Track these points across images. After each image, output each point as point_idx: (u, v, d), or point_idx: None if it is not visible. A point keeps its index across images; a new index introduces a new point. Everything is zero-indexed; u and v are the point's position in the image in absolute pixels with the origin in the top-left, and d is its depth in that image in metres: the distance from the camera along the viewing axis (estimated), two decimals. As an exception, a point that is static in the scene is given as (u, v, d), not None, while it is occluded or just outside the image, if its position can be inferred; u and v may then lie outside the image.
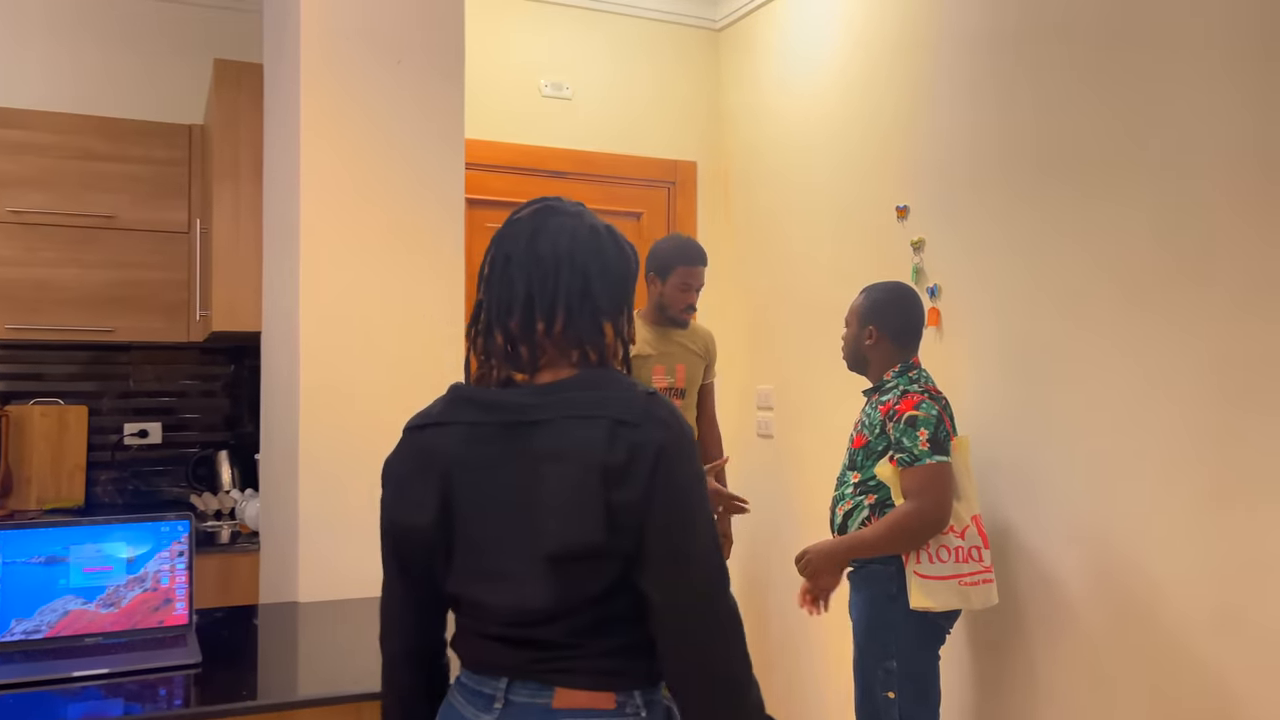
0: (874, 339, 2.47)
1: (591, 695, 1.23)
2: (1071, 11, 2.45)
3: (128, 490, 3.53)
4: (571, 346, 1.26)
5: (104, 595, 1.86)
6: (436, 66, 2.35)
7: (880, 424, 2.39)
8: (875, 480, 2.39)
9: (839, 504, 2.46)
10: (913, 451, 2.30)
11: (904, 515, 2.28)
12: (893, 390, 2.41)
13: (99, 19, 3.51)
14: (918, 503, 2.28)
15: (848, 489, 2.44)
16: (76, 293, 3.18)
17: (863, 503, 2.40)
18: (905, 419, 2.33)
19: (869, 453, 2.41)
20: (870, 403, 2.48)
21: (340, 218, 2.29)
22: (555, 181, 3.70)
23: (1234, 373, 2.09)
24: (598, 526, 1.17)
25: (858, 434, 2.46)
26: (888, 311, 2.46)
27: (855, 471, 2.43)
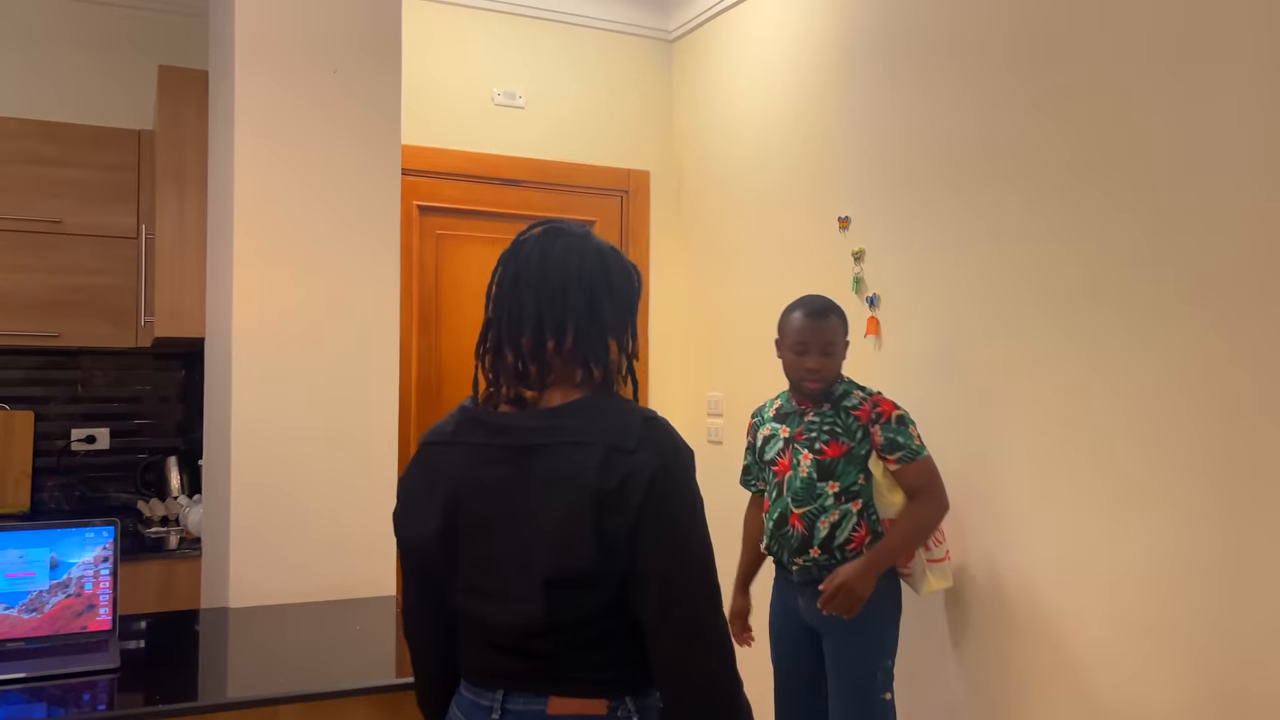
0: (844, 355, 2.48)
1: (584, 703, 1.28)
2: (1007, 22, 2.50)
3: (75, 496, 3.52)
4: (578, 364, 1.30)
5: (27, 600, 1.86)
6: (373, 76, 2.37)
7: (860, 429, 2.39)
8: (857, 486, 2.39)
9: (820, 517, 2.39)
10: (910, 447, 2.37)
11: (926, 510, 2.36)
12: (852, 396, 2.43)
13: (48, 23, 3.51)
14: (932, 495, 2.37)
15: (826, 500, 2.39)
16: (22, 298, 3.17)
17: (850, 510, 2.38)
18: (895, 418, 2.39)
19: (852, 459, 2.39)
20: (823, 412, 2.43)
21: (274, 225, 2.30)
22: (508, 189, 3.72)
23: (1167, 378, 2.14)
24: (589, 553, 1.21)
25: (828, 444, 2.39)
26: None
27: (833, 481, 2.39)
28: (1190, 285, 2.07)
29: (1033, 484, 2.40)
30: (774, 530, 2.47)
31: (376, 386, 2.41)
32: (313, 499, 2.33)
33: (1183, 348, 2.08)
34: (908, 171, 2.80)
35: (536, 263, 1.30)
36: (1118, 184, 2.22)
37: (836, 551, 2.38)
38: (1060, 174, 2.35)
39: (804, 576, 2.43)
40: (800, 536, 2.41)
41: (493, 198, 3.70)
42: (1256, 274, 1.95)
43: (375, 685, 1.74)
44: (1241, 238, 1.97)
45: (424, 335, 3.60)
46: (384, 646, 2.05)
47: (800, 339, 2.42)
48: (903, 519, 2.37)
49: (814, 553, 2.40)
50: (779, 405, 2.56)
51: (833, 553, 2.38)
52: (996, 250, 2.52)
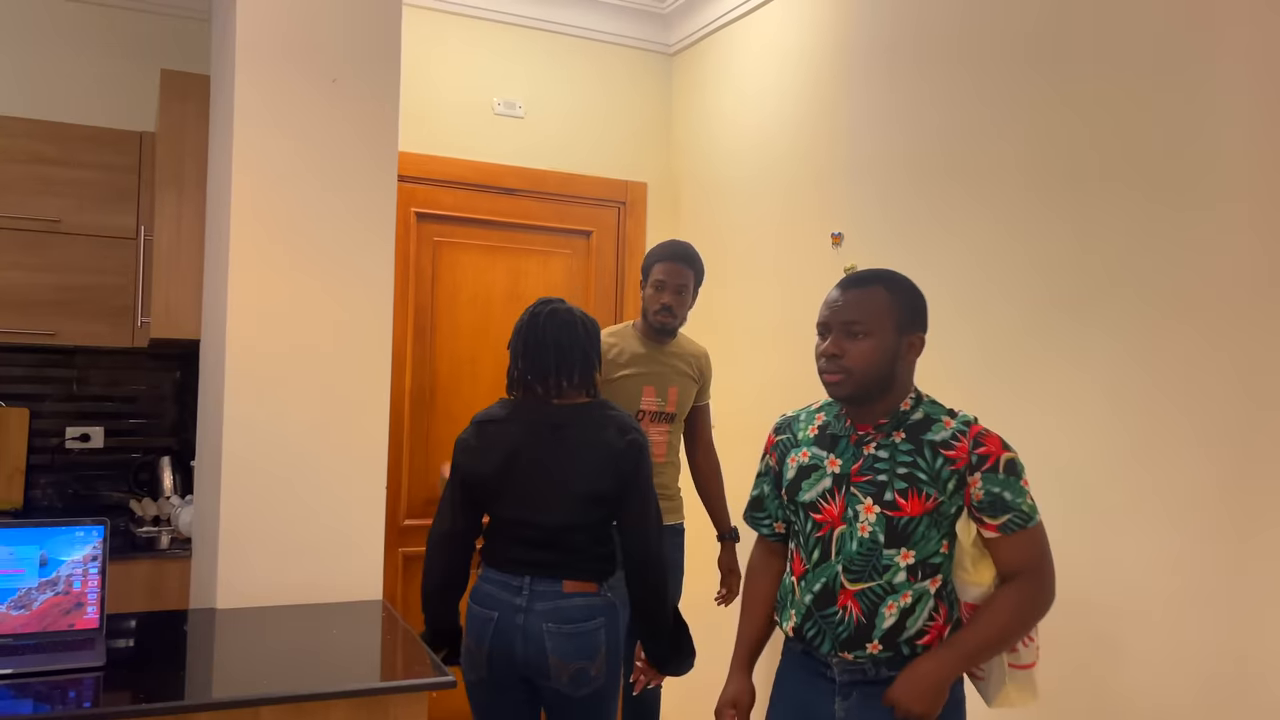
0: (915, 353, 1.82)
1: (585, 584, 2.19)
2: (1004, 41, 2.53)
3: (68, 494, 3.53)
4: (579, 389, 2.25)
5: (15, 597, 1.88)
6: (372, 85, 2.40)
7: (954, 478, 1.73)
8: (939, 557, 1.75)
9: (886, 599, 1.74)
10: (1021, 509, 1.72)
11: (1032, 598, 1.73)
12: (940, 425, 1.77)
13: (53, 25, 3.54)
14: (1039, 579, 1.73)
15: (897, 575, 1.74)
16: (20, 296, 3.19)
17: (926, 591, 1.75)
18: (1005, 464, 1.71)
19: (938, 521, 1.74)
20: (894, 444, 1.77)
21: (270, 230, 2.33)
22: (506, 198, 3.75)
23: (1161, 390, 2.16)
24: (608, 482, 2.17)
25: (906, 495, 1.74)
26: (926, 314, 1.84)
27: (906, 549, 1.74)
28: (1188, 295, 2.09)
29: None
30: (811, 607, 1.80)
31: (368, 392, 2.43)
32: (302, 502, 2.35)
33: (1181, 359, 2.10)
34: (901, 188, 2.83)
35: (551, 334, 2.23)
36: (1113, 199, 2.24)
37: (903, 647, 1.75)
38: (1049, 194, 2.37)
39: (852, 675, 1.77)
40: (855, 624, 1.76)
41: (490, 206, 3.73)
42: (1257, 283, 1.97)
43: (357, 688, 1.75)
44: (1241, 247, 2.00)
45: (419, 342, 3.62)
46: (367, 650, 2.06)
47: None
48: (999, 608, 1.72)
49: (872, 648, 1.75)
50: (822, 421, 1.88)
51: (898, 649, 1.75)
52: (985, 266, 2.54)
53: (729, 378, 3.57)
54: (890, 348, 1.76)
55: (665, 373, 2.90)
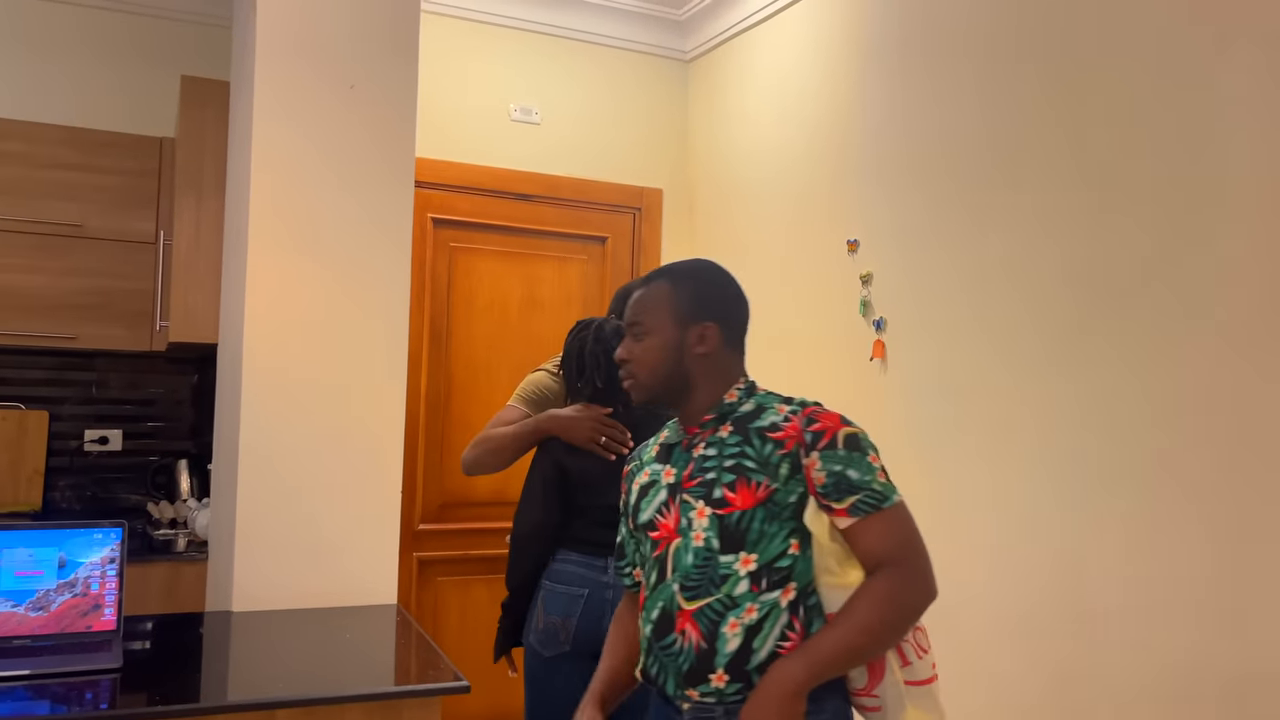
0: (709, 344, 1.61)
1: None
2: (1023, 46, 2.53)
3: (86, 496, 3.56)
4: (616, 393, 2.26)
5: (34, 599, 1.90)
6: (390, 92, 2.41)
7: (786, 461, 1.49)
8: (787, 559, 1.48)
9: (726, 619, 1.47)
10: (873, 488, 1.47)
11: (898, 590, 1.44)
12: (771, 412, 1.56)
13: (75, 32, 3.57)
14: (905, 567, 1.46)
15: (736, 585, 1.47)
16: (42, 299, 3.22)
17: (776, 604, 1.47)
18: (845, 439, 1.49)
19: (775, 512, 1.48)
20: (721, 439, 1.56)
21: (288, 234, 2.34)
22: (521, 204, 3.76)
23: (1168, 402, 2.14)
24: None
25: (734, 487, 1.50)
26: (727, 300, 1.66)
27: (745, 553, 1.48)
28: (1217, 299, 2.07)
29: (1038, 513, 2.41)
30: (651, 639, 1.54)
31: (384, 397, 2.44)
32: (318, 506, 2.36)
33: (1195, 373, 2.08)
34: (918, 195, 2.82)
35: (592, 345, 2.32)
36: (1133, 210, 2.23)
37: (754, 675, 1.46)
38: (1069, 199, 2.36)
39: (702, 717, 1.50)
40: (695, 651, 1.49)
41: (506, 212, 3.74)
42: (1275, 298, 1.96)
43: (372, 692, 1.76)
44: (1261, 257, 1.98)
45: (434, 346, 3.63)
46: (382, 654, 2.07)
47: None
48: (858, 604, 1.44)
49: (717, 679, 1.47)
50: (664, 437, 1.69)
51: (748, 679, 1.46)
52: (1005, 275, 2.53)
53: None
54: (671, 343, 1.60)
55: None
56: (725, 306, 1.64)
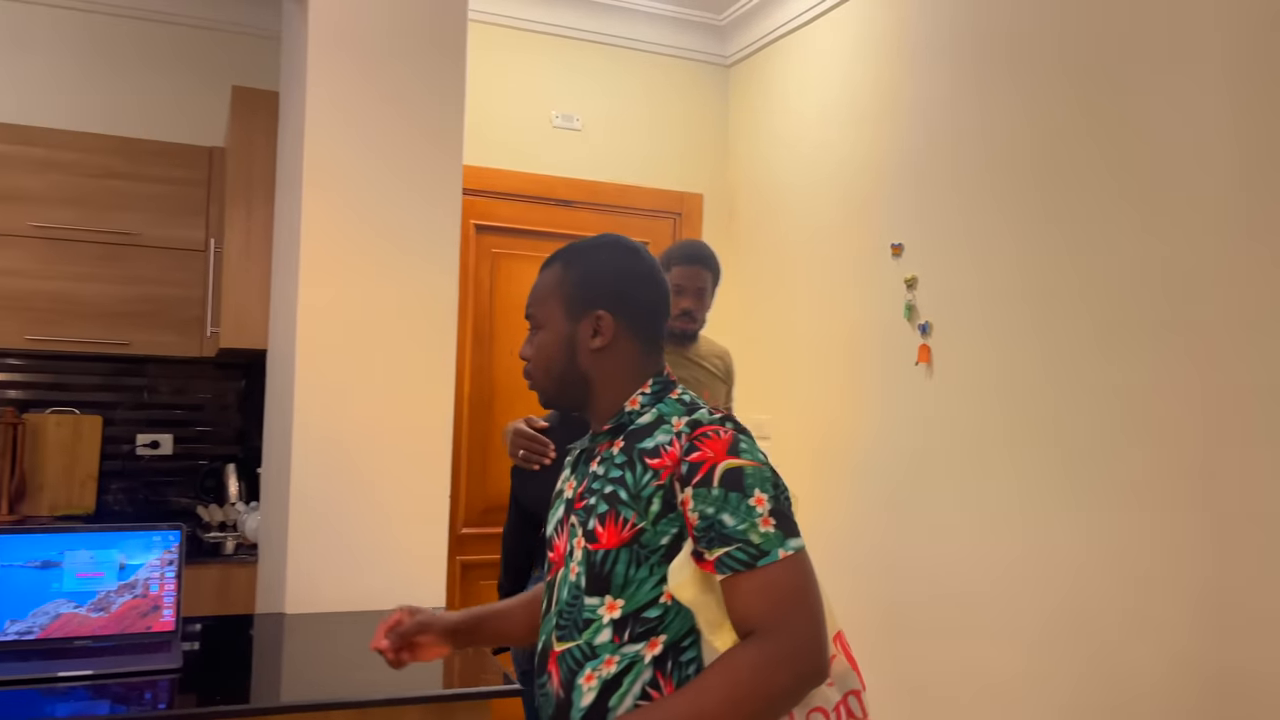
0: (604, 337, 1.37)
1: None
2: (1069, 48, 2.50)
3: (138, 499, 3.63)
4: None
5: (95, 600, 1.94)
6: (438, 101, 2.44)
7: (658, 494, 1.26)
8: (657, 610, 1.27)
9: (584, 669, 1.29)
10: (748, 540, 1.20)
11: (762, 667, 1.16)
12: (664, 427, 1.30)
13: (129, 44, 3.65)
14: (775, 641, 1.17)
15: (599, 634, 1.29)
16: (96, 306, 3.29)
17: (639, 659, 1.27)
18: (722, 475, 1.22)
19: (639, 555, 1.27)
20: (610, 455, 1.34)
21: (339, 243, 2.37)
22: (562, 210, 3.78)
23: (1220, 411, 2.11)
24: None
25: (604, 519, 1.29)
26: (628, 283, 1.39)
27: (611, 597, 1.28)
28: (1261, 312, 2.04)
29: (1087, 517, 2.38)
30: (538, 672, 1.39)
31: (432, 402, 2.46)
32: (368, 510, 2.39)
33: (1250, 376, 2.05)
34: (961, 199, 2.80)
35: None
36: (1184, 214, 2.20)
37: None
38: (1115, 203, 2.33)
39: None
40: (555, 699, 1.33)
41: (547, 218, 3.77)
42: (1318, 312, 1.92)
43: (425, 694, 1.78)
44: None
45: (478, 351, 3.66)
46: (433, 657, 2.08)
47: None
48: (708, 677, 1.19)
49: None
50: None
51: None
52: (1053, 278, 2.50)
53: (786, 391, 3.56)
54: (562, 337, 1.37)
55: (695, 376, 2.79)
56: (625, 291, 1.37)
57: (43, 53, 3.55)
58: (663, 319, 1.41)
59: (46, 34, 3.55)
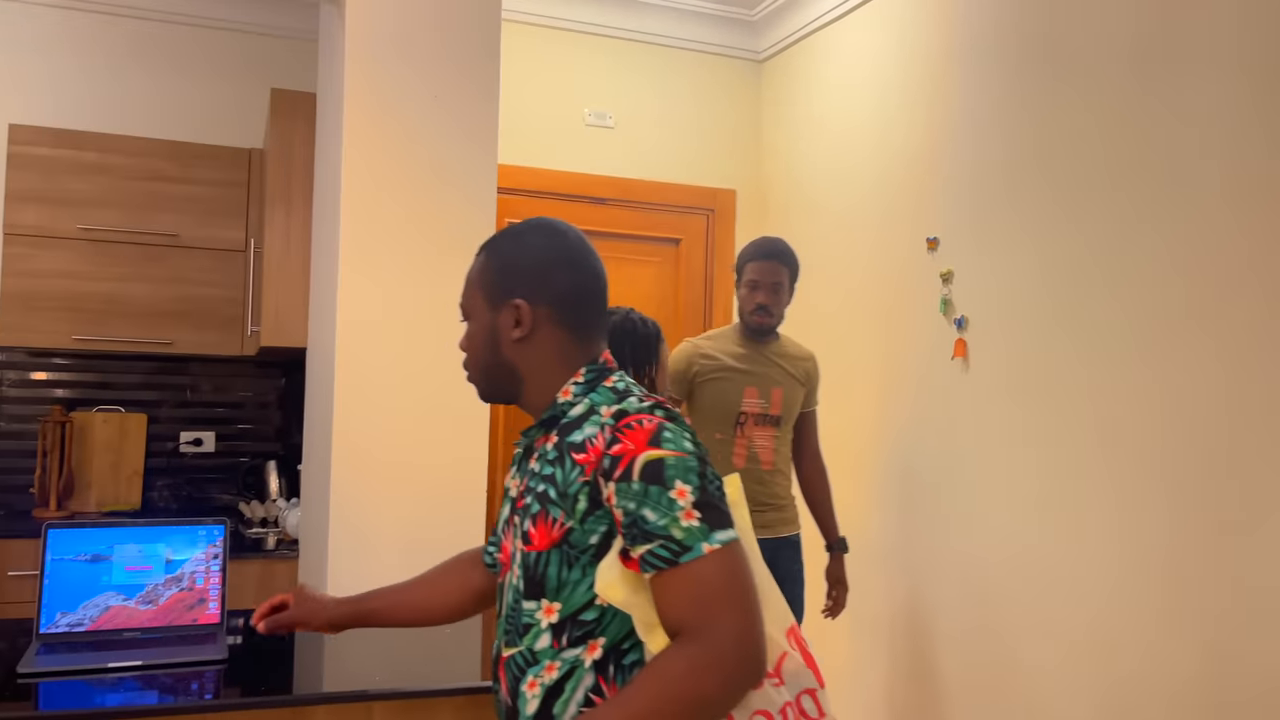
0: (525, 325, 1.31)
1: None
2: (1104, 50, 2.48)
3: (182, 495, 3.70)
4: None
5: (143, 593, 1.98)
6: (473, 101, 2.46)
7: (584, 491, 1.21)
8: (594, 612, 1.23)
9: (527, 676, 1.26)
10: (670, 535, 1.14)
11: (682, 673, 1.10)
12: (594, 418, 1.24)
13: (170, 48, 3.72)
14: (702, 643, 1.11)
15: (539, 639, 1.25)
16: (141, 306, 3.35)
17: (580, 663, 1.23)
18: (643, 467, 1.17)
19: (570, 557, 1.23)
20: (540, 455, 1.31)
21: (377, 243, 2.41)
22: (596, 207, 3.80)
23: (1253, 408, 2.08)
24: None
25: (536, 521, 1.26)
26: (548, 267, 1.32)
27: (548, 600, 1.25)
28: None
29: (1123, 514, 2.35)
30: (492, 678, 1.36)
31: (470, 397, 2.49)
32: (408, 506, 2.42)
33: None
34: (997, 192, 2.78)
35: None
36: (1222, 209, 2.17)
37: None
38: (1151, 201, 2.31)
39: None
40: (505, 707, 1.31)
41: (581, 215, 3.78)
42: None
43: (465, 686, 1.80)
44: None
45: (512, 349, 3.69)
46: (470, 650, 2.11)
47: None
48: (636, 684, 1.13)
49: None
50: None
51: None
52: (1090, 272, 2.48)
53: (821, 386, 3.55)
54: (486, 329, 1.33)
55: (768, 374, 2.82)
56: (544, 276, 1.31)
57: (88, 58, 3.62)
58: (593, 302, 1.33)
59: (92, 40, 3.63)
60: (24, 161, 3.24)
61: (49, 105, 3.57)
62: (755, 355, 2.82)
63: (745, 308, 2.81)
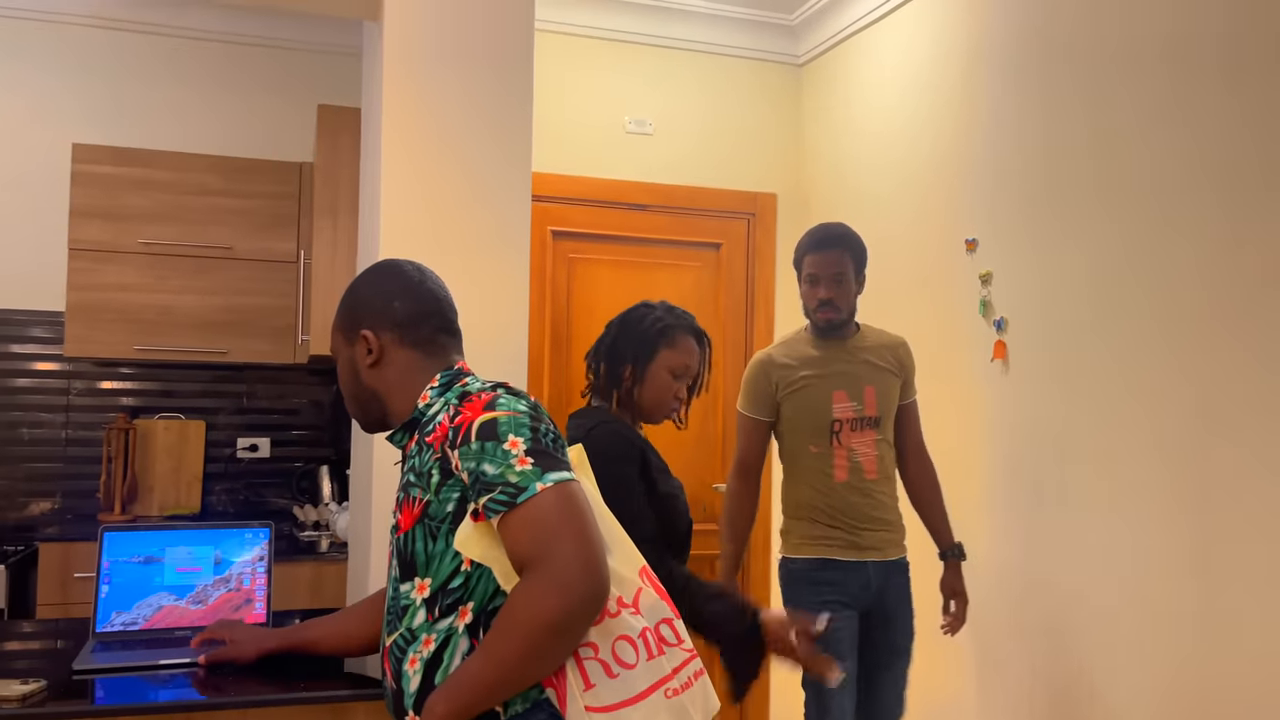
0: (375, 353, 1.48)
1: None
2: (1140, 50, 2.45)
3: (239, 500, 3.82)
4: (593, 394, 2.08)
5: (193, 593, 2.06)
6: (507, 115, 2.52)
7: (435, 465, 1.33)
8: (461, 577, 1.31)
9: (408, 655, 1.34)
10: (506, 480, 1.24)
11: (527, 604, 1.18)
12: (441, 410, 1.38)
13: (221, 66, 3.85)
14: (539, 572, 1.19)
15: (415, 617, 1.34)
16: (198, 316, 3.47)
17: (454, 631, 1.31)
18: (479, 428, 1.28)
19: (430, 529, 1.33)
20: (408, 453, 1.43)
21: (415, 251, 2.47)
22: (637, 214, 3.84)
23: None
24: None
25: (402, 506, 1.39)
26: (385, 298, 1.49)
27: (420, 578, 1.34)
28: (1337, 311, 1.97)
29: (1166, 516, 2.32)
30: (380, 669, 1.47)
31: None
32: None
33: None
34: (1037, 194, 2.76)
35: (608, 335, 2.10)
36: (1262, 209, 2.13)
37: None
38: (1195, 195, 2.27)
39: None
40: (391, 691, 1.39)
41: (622, 222, 3.83)
42: None
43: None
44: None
45: (556, 353, 3.74)
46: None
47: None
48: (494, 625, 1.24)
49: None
50: None
51: None
52: (1130, 274, 2.45)
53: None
54: (347, 361, 1.51)
55: (855, 371, 2.53)
56: (383, 305, 1.48)
57: (146, 78, 3.77)
58: (432, 321, 1.50)
59: (149, 61, 3.77)
60: (87, 179, 3.38)
61: (110, 125, 3.72)
62: (835, 354, 2.54)
63: (809, 305, 2.54)
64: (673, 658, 1.33)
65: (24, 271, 3.60)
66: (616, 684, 1.26)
